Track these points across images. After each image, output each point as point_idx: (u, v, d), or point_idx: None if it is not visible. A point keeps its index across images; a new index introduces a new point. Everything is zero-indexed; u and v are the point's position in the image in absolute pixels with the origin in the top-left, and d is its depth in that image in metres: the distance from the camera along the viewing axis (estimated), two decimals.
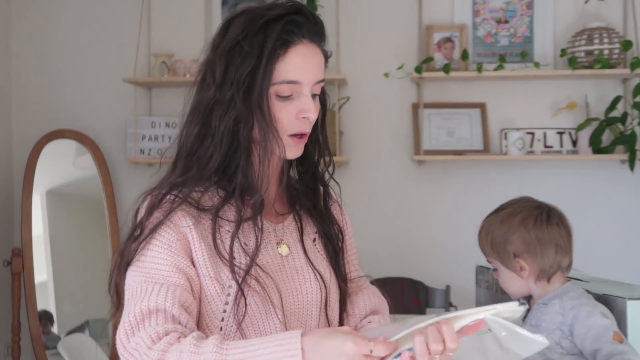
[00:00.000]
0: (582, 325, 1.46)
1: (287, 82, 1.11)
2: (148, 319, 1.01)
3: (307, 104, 1.13)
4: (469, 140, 3.19)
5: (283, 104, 1.12)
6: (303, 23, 1.12)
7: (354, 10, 3.25)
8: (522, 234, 1.54)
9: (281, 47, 1.10)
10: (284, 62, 1.11)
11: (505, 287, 1.61)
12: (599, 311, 1.47)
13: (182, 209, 1.12)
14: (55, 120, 3.28)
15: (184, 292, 1.06)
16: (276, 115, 1.12)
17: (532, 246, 1.53)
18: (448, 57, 3.16)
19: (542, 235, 1.54)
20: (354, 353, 0.90)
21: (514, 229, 1.55)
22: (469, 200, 3.16)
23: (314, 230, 1.27)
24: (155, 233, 1.10)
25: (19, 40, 3.36)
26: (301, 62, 1.12)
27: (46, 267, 3.10)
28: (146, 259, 1.09)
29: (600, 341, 1.43)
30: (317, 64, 1.14)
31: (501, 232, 1.56)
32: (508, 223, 1.56)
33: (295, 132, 1.14)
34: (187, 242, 1.11)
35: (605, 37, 3.00)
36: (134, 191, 1.19)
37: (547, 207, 1.58)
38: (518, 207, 1.58)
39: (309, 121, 1.14)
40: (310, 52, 1.13)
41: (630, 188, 3.13)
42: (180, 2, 3.31)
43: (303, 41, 1.12)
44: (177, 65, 3.17)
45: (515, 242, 1.54)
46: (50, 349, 3.02)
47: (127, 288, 1.09)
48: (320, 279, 1.20)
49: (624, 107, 3.10)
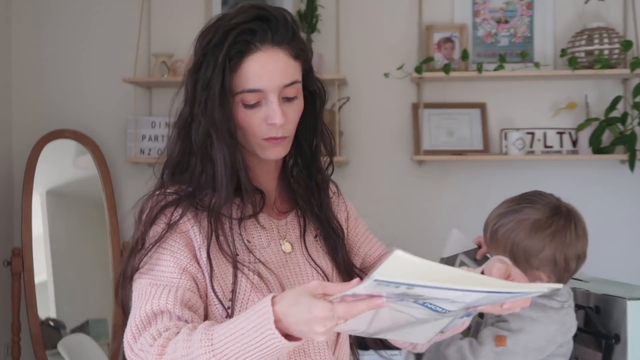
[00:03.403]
0: None
1: (248, 91, 1.12)
2: (154, 320, 1.03)
3: (272, 111, 1.12)
4: (469, 140, 3.19)
5: (251, 111, 1.13)
6: (258, 30, 1.11)
7: (354, 10, 3.25)
8: (550, 252, 1.48)
9: (236, 56, 1.11)
10: (241, 71, 1.11)
11: None
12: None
13: (183, 208, 1.13)
14: (55, 120, 3.28)
15: (188, 293, 1.07)
16: (245, 122, 1.13)
17: (559, 264, 1.49)
18: (448, 57, 3.16)
19: (571, 252, 1.50)
20: (323, 317, 0.87)
21: (541, 245, 1.48)
22: (469, 200, 3.15)
23: (316, 226, 1.27)
24: (158, 234, 1.12)
25: (19, 40, 3.36)
26: (260, 69, 1.11)
27: (46, 267, 3.10)
28: (151, 261, 1.10)
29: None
30: (281, 68, 1.13)
31: (527, 244, 1.49)
32: (536, 237, 1.48)
33: (267, 137, 1.15)
34: (190, 240, 1.12)
35: (605, 37, 3.00)
36: (134, 191, 1.20)
37: (574, 217, 1.53)
38: (546, 219, 1.50)
39: (277, 126, 1.13)
40: (270, 57, 1.12)
41: (630, 188, 3.13)
42: (180, 2, 3.31)
43: (261, 48, 1.11)
44: (177, 65, 3.16)
45: (543, 259, 1.49)
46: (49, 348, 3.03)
47: (134, 290, 1.11)
48: (323, 276, 1.21)
49: (624, 107, 3.10)
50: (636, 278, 2.23)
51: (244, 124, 1.14)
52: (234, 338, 0.94)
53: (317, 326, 0.88)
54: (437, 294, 0.86)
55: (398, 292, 0.85)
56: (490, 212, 1.60)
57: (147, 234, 1.12)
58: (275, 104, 1.12)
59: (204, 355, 0.94)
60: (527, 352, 1.46)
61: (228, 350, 0.94)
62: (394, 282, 0.81)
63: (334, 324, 0.88)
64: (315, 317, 0.88)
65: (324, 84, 1.26)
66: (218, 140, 1.12)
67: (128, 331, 1.05)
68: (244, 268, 1.11)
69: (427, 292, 0.84)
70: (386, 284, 0.82)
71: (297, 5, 3.18)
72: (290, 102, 1.16)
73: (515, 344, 1.45)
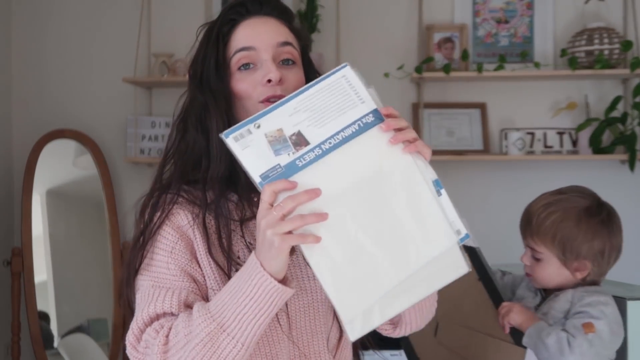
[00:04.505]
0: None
1: (240, 49, 1.12)
2: (157, 321, 1.04)
3: (266, 68, 1.10)
4: (469, 140, 3.19)
5: (246, 74, 1.12)
6: (247, 3, 1.14)
7: (354, 10, 3.25)
8: (600, 242, 1.50)
9: (227, 25, 1.14)
10: (233, 37, 1.13)
11: (541, 275, 1.55)
12: (604, 304, 1.46)
13: (182, 207, 1.12)
14: (55, 120, 3.28)
15: (191, 295, 1.06)
16: (241, 87, 1.12)
17: (605, 254, 1.51)
18: (448, 57, 3.16)
19: (616, 243, 1.52)
20: (266, 221, 0.91)
21: (592, 234, 1.49)
22: (469, 200, 3.15)
23: None
24: (159, 235, 1.11)
25: (19, 40, 3.36)
26: (251, 30, 1.13)
27: (46, 267, 3.10)
28: (153, 262, 1.10)
29: (569, 316, 1.46)
30: (272, 29, 1.14)
31: (577, 233, 1.49)
32: (586, 226, 1.49)
33: (265, 97, 1.11)
34: (190, 241, 1.11)
35: (605, 37, 3.00)
36: (134, 191, 1.20)
37: (614, 212, 1.55)
38: (595, 208, 1.52)
39: (275, 83, 1.10)
40: (260, 21, 1.14)
41: (630, 188, 3.13)
42: (180, 2, 3.31)
43: (253, 16, 1.14)
44: (177, 65, 3.16)
45: (592, 247, 1.49)
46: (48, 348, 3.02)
47: (137, 291, 1.11)
48: None
49: (624, 107, 3.10)
50: (636, 278, 2.22)
51: (239, 91, 1.12)
52: (229, 298, 0.95)
53: (268, 233, 0.90)
54: (280, 116, 0.95)
55: (277, 137, 0.93)
56: (530, 205, 1.59)
57: (148, 228, 1.12)
58: (269, 61, 1.11)
59: (203, 323, 0.95)
60: (612, 337, 1.46)
61: (226, 311, 0.95)
62: (243, 126, 0.94)
63: (285, 225, 0.89)
64: (262, 227, 0.90)
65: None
66: (214, 107, 1.11)
67: (130, 333, 1.05)
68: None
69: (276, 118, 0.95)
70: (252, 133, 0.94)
71: (297, 5, 3.19)
72: (287, 67, 1.13)
73: (602, 330, 1.44)
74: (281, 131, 0.94)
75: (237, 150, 0.94)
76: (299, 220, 0.90)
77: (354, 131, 0.95)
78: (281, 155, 0.93)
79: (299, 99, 0.96)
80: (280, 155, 0.93)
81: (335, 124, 0.95)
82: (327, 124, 0.95)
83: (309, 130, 0.94)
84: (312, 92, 0.97)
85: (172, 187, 1.14)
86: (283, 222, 0.90)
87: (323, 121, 0.95)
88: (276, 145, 0.93)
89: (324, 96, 0.97)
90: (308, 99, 0.96)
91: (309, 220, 0.90)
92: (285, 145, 0.93)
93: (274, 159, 0.93)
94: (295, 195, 0.90)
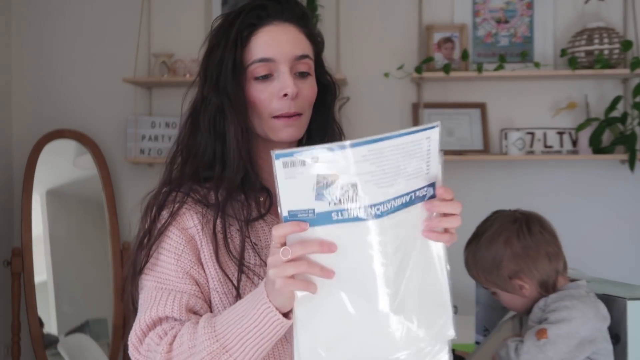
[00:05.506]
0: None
1: (259, 60, 1.11)
2: (159, 324, 1.05)
3: (283, 81, 1.10)
4: (469, 140, 3.19)
5: (263, 85, 1.12)
6: (269, 6, 1.12)
7: (354, 10, 3.25)
8: (510, 254, 1.51)
9: (247, 29, 1.11)
10: (253, 43, 1.11)
11: (510, 307, 1.60)
12: (572, 317, 1.46)
13: (189, 207, 1.12)
14: (55, 120, 3.28)
15: (192, 298, 1.07)
16: (257, 97, 1.12)
17: (524, 264, 1.51)
18: (448, 57, 3.16)
19: (530, 249, 1.52)
20: (271, 261, 0.90)
21: (501, 253, 1.52)
22: (469, 200, 3.13)
23: None
24: (165, 236, 1.11)
25: (19, 40, 3.36)
26: (271, 40, 1.11)
27: (46, 267, 3.10)
28: (157, 263, 1.10)
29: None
30: (292, 39, 1.13)
31: (489, 259, 1.53)
32: (493, 248, 1.53)
33: (279, 114, 1.11)
34: (195, 243, 1.11)
35: (605, 37, 3.00)
36: (134, 191, 1.20)
37: (525, 217, 1.56)
38: (497, 228, 1.56)
39: (290, 98, 1.11)
40: (281, 30, 1.12)
41: (630, 188, 3.13)
42: (180, 2, 3.31)
43: (273, 22, 1.12)
44: (177, 65, 3.17)
45: (506, 265, 1.52)
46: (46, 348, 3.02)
47: (141, 291, 1.11)
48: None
49: (624, 107, 3.10)
50: (636, 278, 2.23)
51: (255, 100, 1.12)
52: (235, 321, 0.96)
53: (270, 273, 0.89)
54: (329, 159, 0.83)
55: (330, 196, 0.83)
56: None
57: (154, 226, 1.12)
58: (287, 74, 1.11)
59: (207, 341, 0.96)
60: (571, 341, 1.45)
61: (230, 333, 0.95)
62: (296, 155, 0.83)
63: (289, 268, 0.87)
64: (268, 264, 0.90)
65: (333, 78, 1.26)
66: (231, 114, 1.10)
67: (133, 334, 1.05)
68: (249, 272, 1.10)
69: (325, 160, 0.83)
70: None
71: None
72: (303, 79, 1.14)
73: (557, 335, 1.44)
74: (336, 176, 0.84)
75: (280, 176, 0.85)
76: (304, 266, 0.87)
77: (405, 202, 0.88)
78: (321, 202, 0.84)
79: (374, 147, 0.85)
80: (320, 201, 0.84)
81: (393, 190, 0.86)
82: (385, 187, 0.85)
83: (366, 187, 0.84)
84: (390, 145, 0.86)
85: (181, 186, 1.14)
86: (287, 265, 0.88)
87: (384, 182, 0.85)
88: (322, 189, 0.84)
89: (399, 153, 0.87)
90: (382, 151, 0.85)
91: (314, 270, 0.87)
92: (332, 191, 0.84)
93: (312, 203, 0.85)
94: (306, 242, 0.86)
